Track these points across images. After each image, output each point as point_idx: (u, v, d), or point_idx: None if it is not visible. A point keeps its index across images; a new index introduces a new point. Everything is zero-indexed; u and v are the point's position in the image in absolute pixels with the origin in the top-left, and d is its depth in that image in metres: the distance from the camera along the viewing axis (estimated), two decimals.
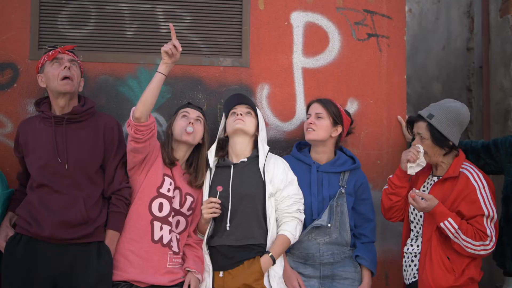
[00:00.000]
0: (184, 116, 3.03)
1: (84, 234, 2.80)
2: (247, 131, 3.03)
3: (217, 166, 3.07)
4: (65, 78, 2.83)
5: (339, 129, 3.18)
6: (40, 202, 2.79)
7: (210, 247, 2.96)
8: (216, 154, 3.07)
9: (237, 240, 2.92)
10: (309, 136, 3.13)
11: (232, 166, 3.01)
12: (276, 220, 2.99)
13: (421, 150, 2.90)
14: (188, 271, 2.93)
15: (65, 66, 2.85)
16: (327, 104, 3.16)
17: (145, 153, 2.86)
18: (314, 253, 3.03)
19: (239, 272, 2.89)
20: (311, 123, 3.12)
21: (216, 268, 2.93)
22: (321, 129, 3.11)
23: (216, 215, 2.89)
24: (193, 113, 3.05)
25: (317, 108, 3.16)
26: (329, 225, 3.01)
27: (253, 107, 3.09)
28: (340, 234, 3.05)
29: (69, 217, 2.77)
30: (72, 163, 2.83)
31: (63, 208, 2.78)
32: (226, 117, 3.11)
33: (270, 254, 2.91)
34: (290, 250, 3.08)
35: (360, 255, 3.06)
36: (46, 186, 2.81)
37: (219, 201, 2.89)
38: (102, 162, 2.93)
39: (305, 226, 3.04)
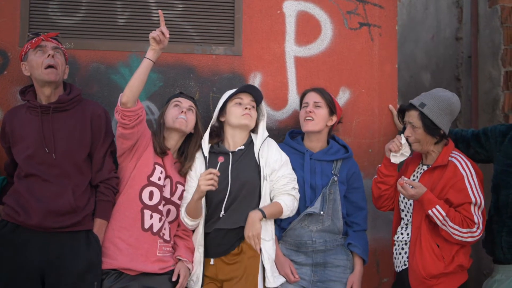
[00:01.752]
0: (176, 105, 3.02)
1: (73, 223, 2.80)
2: (252, 126, 3.05)
3: (211, 152, 3.04)
4: (49, 67, 2.80)
5: (334, 118, 3.20)
6: (28, 191, 2.78)
7: (206, 235, 2.94)
8: (211, 141, 3.05)
9: (234, 223, 2.92)
10: (308, 128, 3.13)
11: (230, 154, 3.00)
12: (272, 200, 3.01)
13: (403, 141, 2.93)
14: (179, 259, 2.94)
15: (49, 54, 2.81)
16: (324, 93, 3.18)
17: (133, 139, 2.86)
18: (306, 240, 3.05)
19: (234, 262, 2.91)
20: (310, 112, 3.11)
21: (208, 255, 2.93)
22: (319, 118, 3.12)
23: (213, 188, 2.75)
24: (185, 103, 3.04)
25: (315, 97, 3.17)
26: (321, 212, 3.03)
27: (256, 99, 3.07)
28: (333, 221, 3.07)
29: (58, 206, 2.76)
30: (60, 152, 2.82)
31: (51, 197, 2.78)
32: (225, 101, 3.05)
33: (258, 208, 2.91)
34: (283, 238, 3.10)
35: (352, 243, 3.09)
36: (34, 175, 2.80)
37: (219, 174, 2.77)
38: (90, 150, 2.91)
39: (298, 213, 3.06)
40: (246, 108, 3.00)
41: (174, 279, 2.89)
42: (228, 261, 2.92)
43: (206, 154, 3.01)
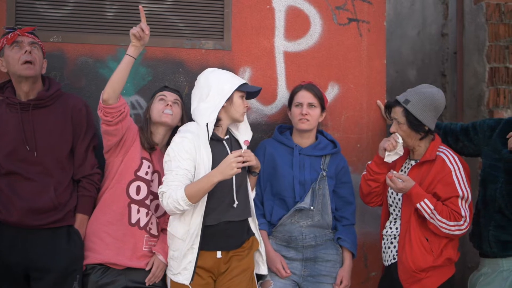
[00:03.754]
0: (161, 99, 3.01)
1: (54, 220, 2.79)
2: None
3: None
4: (26, 62, 2.76)
5: (324, 114, 3.22)
6: (10, 188, 2.76)
7: (207, 226, 2.79)
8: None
9: (244, 214, 2.88)
10: (303, 127, 3.11)
11: (224, 141, 2.91)
12: None
13: (400, 140, 2.95)
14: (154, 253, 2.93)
15: (26, 50, 2.77)
16: (317, 91, 3.17)
17: (118, 135, 2.84)
18: (297, 236, 3.06)
19: (239, 254, 2.87)
20: (306, 114, 3.10)
21: (211, 247, 2.80)
22: (314, 119, 3.13)
23: (240, 171, 2.67)
24: (171, 96, 3.03)
25: (308, 97, 3.14)
26: (311, 207, 3.05)
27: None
28: (322, 216, 3.08)
29: (40, 204, 2.75)
30: (41, 150, 2.79)
31: (33, 195, 2.76)
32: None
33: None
34: (273, 233, 3.11)
35: (342, 238, 3.11)
36: (16, 173, 2.77)
37: (243, 155, 2.71)
38: (72, 145, 2.90)
39: (288, 208, 3.08)
40: (246, 107, 2.96)
41: (147, 268, 2.87)
42: (233, 254, 2.86)
43: (210, 135, 2.83)
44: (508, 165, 2.88)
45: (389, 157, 2.99)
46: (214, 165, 2.75)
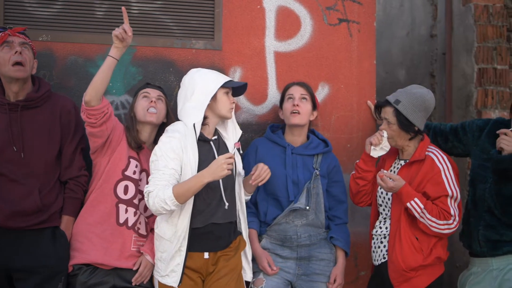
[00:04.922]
0: (144, 96, 2.97)
1: (39, 221, 2.78)
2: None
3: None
4: (16, 63, 2.74)
5: (315, 113, 3.23)
6: None
7: (194, 228, 2.75)
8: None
9: (233, 215, 2.86)
10: (295, 121, 3.12)
11: (211, 142, 2.87)
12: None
13: (385, 135, 2.97)
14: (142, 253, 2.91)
15: (16, 51, 2.75)
16: (308, 87, 3.19)
17: (103, 137, 2.83)
18: (291, 235, 3.07)
19: (227, 254, 2.84)
20: (297, 105, 3.11)
21: (199, 249, 2.77)
22: (305, 112, 3.13)
23: (230, 173, 2.66)
24: (154, 93, 2.99)
25: (300, 90, 3.16)
26: (307, 207, 3.05)
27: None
28: (316, 215, 3.09)
29: (24, 207, 2.74)
30: (29, 151, 2.78)
31: (17, 198, 2.74)
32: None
33: None
34: (267, 232, 3.11)
35: (335, 237, 3.12)
36: (2, 175, 2.75)
37: (233, 157, 2.68)
38: (60, 147, 2.88)
39: (282, 208, 3.08)
40: (232, 103, 2.92)
41: (134, 268, 2.85)
42: (221, 254, 2.83)
43: (198, 135, 2.78)
44: (496, 165, 2.90)
45: (375, 152, 3.01)
46: (201, 166, 2.72)
